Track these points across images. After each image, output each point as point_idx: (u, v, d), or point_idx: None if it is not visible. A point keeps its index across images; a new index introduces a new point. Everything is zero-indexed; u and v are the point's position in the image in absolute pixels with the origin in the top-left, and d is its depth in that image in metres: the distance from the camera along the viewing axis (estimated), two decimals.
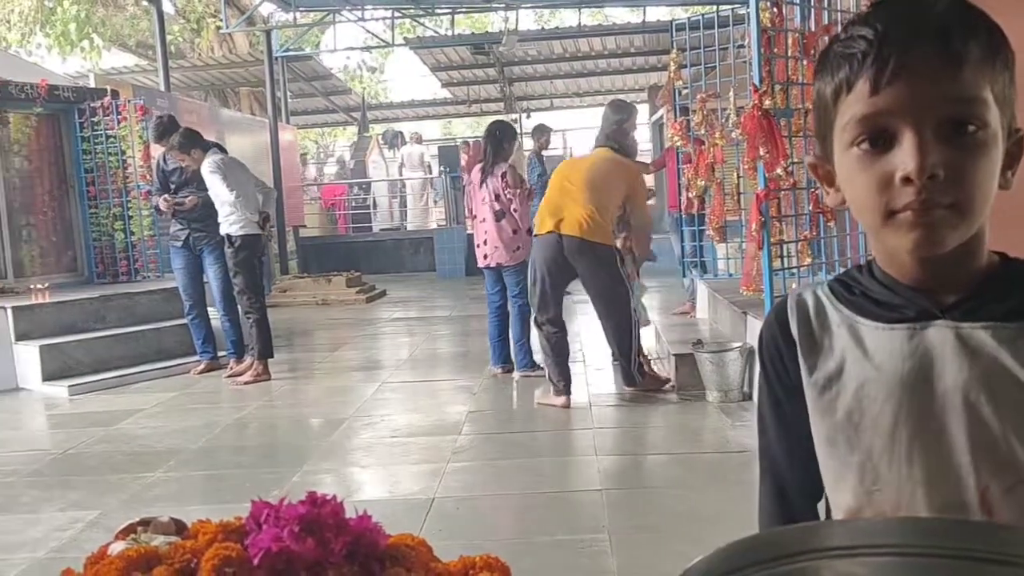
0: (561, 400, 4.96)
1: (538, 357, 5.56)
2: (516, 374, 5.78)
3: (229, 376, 6.25)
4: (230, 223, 6.01)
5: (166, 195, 6.38)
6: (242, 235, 6.00)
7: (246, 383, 6.04)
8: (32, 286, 7.32)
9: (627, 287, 4.88)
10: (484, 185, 5.68)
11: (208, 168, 5.95)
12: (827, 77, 0.87)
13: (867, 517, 0.89)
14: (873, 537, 0.60)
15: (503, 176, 5.62)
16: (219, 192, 5.95)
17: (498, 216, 5.63)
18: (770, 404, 1.00)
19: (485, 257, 5.72)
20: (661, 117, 10.64)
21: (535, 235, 5.09)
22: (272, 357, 6.22)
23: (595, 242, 4.77)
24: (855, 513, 0.91)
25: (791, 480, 1.00)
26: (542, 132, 10.15)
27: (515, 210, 5.62)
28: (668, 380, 5.29)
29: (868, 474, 0.90)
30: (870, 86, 0.83)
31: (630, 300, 4.90)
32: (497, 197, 5.64)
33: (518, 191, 5.64)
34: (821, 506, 1.00)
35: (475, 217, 5.77)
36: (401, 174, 17.10)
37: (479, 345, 7.66)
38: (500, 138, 5.69)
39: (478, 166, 5.82)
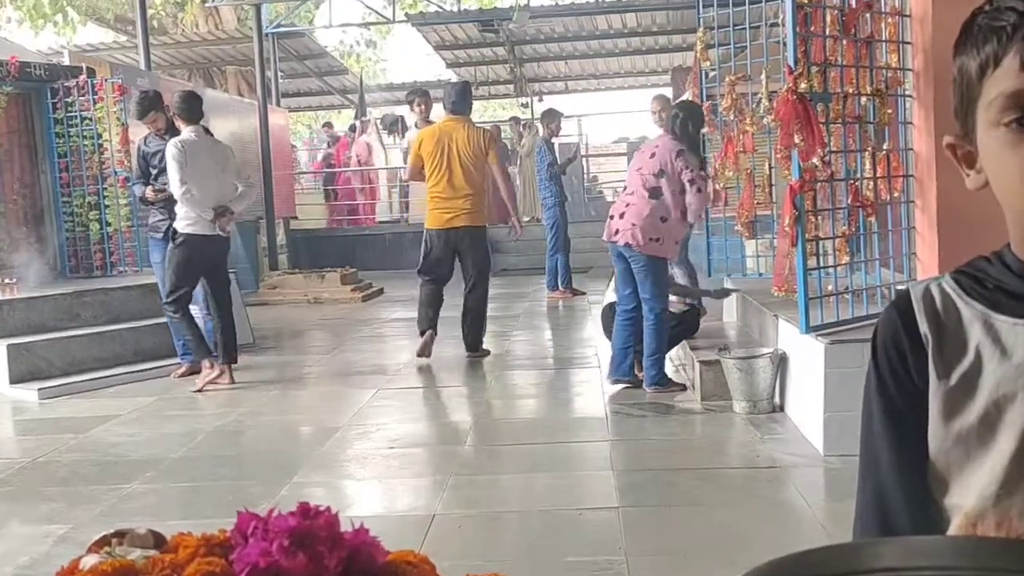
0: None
1: (670, 370, 5.65)
2: (647, 391, 5.39)
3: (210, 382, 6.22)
4: (179, 217, 6.01)
5: (152, 183, 6.41)
6: (186, 233, 5.98)
7: (204, 386, 6.06)
8: None
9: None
10: (648, 154, 5.40)
11: (168, 152, 5.94)
12: (971, 51, 0.88)
13: (952, 535, 0.90)
14: (929, 558, 0.59)
15: (679, 154, 5.31)
16: (171, 182, 5.94)
17: (653, 193, 5.30)
18: (883, 411, 0.99)
19: (616, 232, 5.36)
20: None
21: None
22: (207, 354, 6.09)
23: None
24: (977, 517, 0.91)
25: (896, 490, 1.01)
26: (552, 117, 10.16)
27: (696, 192, 5.28)
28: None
29: (997, 478, 0.90)
30: (1020, 60, 0.83)
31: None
32: (662, 172, 5.30)
33: (696, 175, 5.31)
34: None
35: (625, 189, 5.60)
36: (406, 162, 17.10)
37: (486, 347, 7.70)
38: (687, 119, 5.46)
39: (661, 135, 5.58)
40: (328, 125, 19.93)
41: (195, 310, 6.35)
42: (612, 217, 5.49)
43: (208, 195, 5.96)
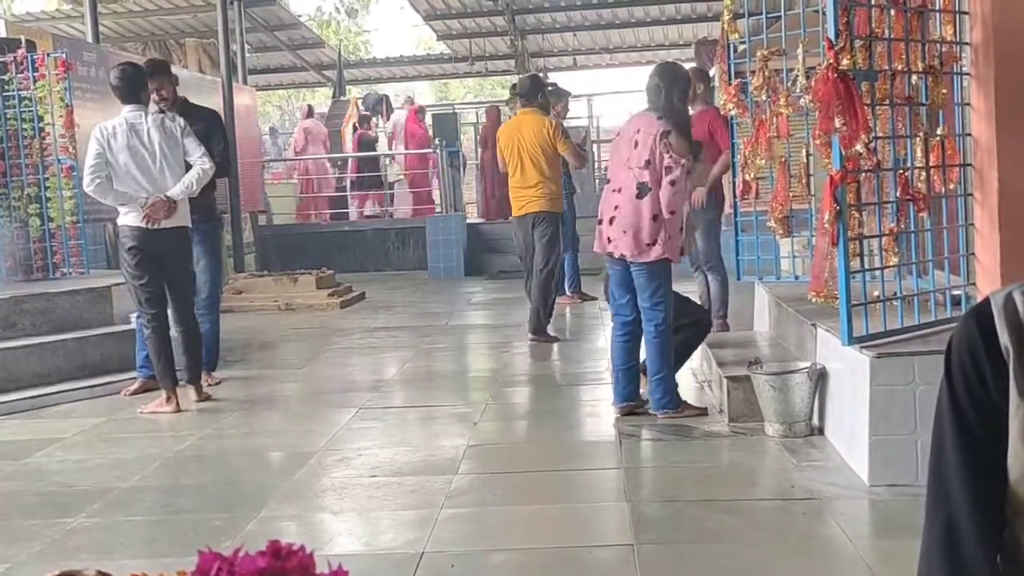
0: None
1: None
2: (657, 416, 5.34)
3: (200, 396, 6.27)
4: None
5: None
6: (123, 224, 6.07)
7: (152, 412, 6.06)
8: None
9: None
10: (634, 142, 5.24)
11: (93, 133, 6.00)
12: None
13: None
14: None
15: (665, 136, 5.16)
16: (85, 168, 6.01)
17: (640, 191, 5.19)
18: (957, 435, 1.00)
19: (609, 242, 5.31)
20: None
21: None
22: (171, 385, 6.08)
23: None
24: None
25: (968, 521, 1.01)
26: (559, 97, 10.08)
27: (670, 184, 5.13)
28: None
29: None
30: None
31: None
32: (649, 163, 5.17)
33: (676, 163, 5.15)
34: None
35: (609, 183, 5.44)
36: (391, 147, 17.15)
37: (482, 361, 7.77)
38: (670, 89, 5.32)
39: (640, 113, 5.44)
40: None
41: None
42: (601, 222, 5.41)
43: (140, 184, 5.97)
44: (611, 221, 5.30)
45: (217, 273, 7.14)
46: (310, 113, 17.37)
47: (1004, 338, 0.94)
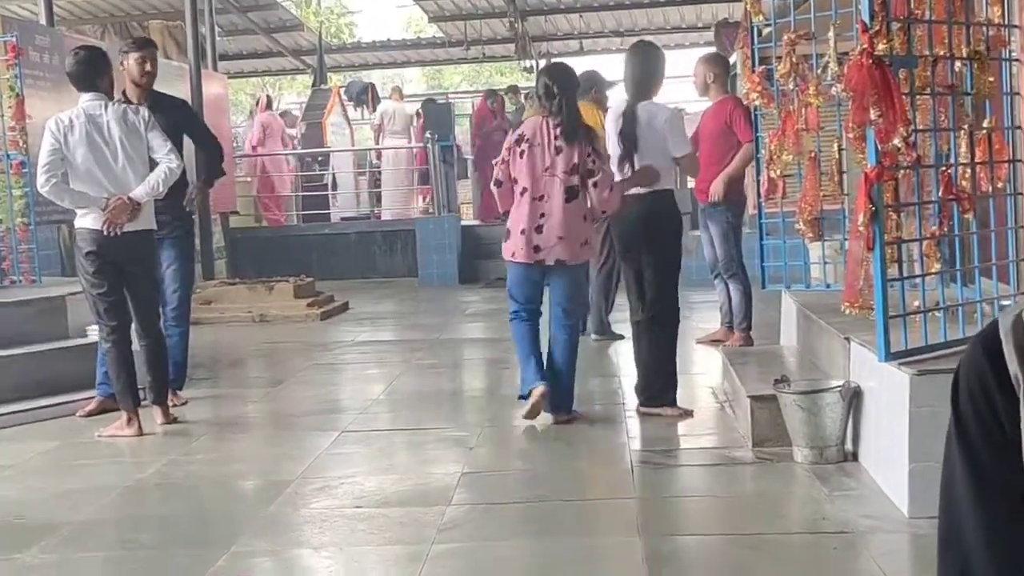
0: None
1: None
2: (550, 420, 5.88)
3: (167, 418, 6.27)
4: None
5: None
6: (81, 227, 6.04)
7: (111, 436, 6.04)
8: None
9: None
10: (552, 149, 5.76)
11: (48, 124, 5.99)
12: None
13: None
14: None
15: (587, 142, 5.78)
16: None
17: (570, 195, 5.74)
18: (968, 471, 1.01)
19: (537, 250, 5.76)
20: (733, 65, 10.64)
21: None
22: (132, 406, 6.06)
23: None
24: None
25: (985, 568, 1.01)
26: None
27: (602, 186, 5.74)
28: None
29: None
30: None
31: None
32: (575, 169, 5.72)
33: (600, 171, 5.77)
34: None
35: (517, 191, 5.84)
36: (379, 142, 17.15)
37: (478, 379, 7.84)
38: (568, 88, 5.88)
39: (537, 120, 5.90)
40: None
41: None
42: (523, 232, 5.75)
43: (100, 183, 5.94)
44: (538, 229, 5.74)
45: (189, 281, 7.16)
46: (268, 105, 17.36)
47: (1013, 366, 0.95)
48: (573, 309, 6.03)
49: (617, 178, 5.83)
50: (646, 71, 6.05)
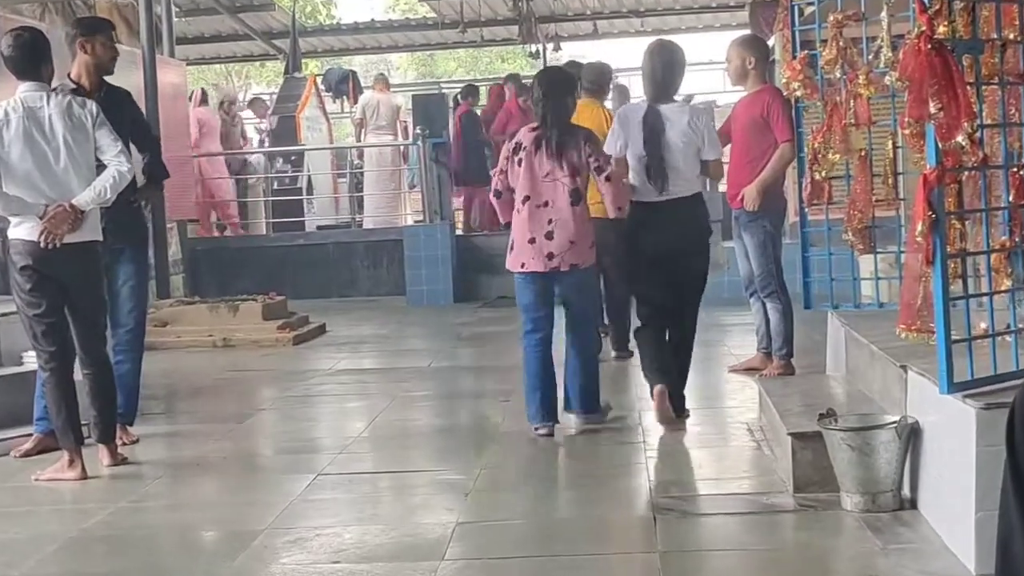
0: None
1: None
2: (576, 423, 6.44)
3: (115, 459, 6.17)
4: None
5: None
6: (15, 239, 5.89)
7: (51, 479, 5.96)
8: None
9: None
10: (549, 154, 6.24)
11: None
12: None
13: None
14: None
15: (585, 143, 6.29)
16: None
17: (575, 198, 6.22)
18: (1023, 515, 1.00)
19: (551, 257, 6.23)
20: (772, 50, 10.63)
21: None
22: (75, 445, 5.99)
23: None
24: None
25: None
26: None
27: (611, 180, 6.29)
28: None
29: None
30: None
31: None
32: (576, 173, 6.22)
33: (608, 167, 6.30)
34: None
35: (518, 200, 6.30)
36: (362, 138, 17.11)
37: (476, 413, 7.88)
38: (564, 93, 6.43)
39: (529, 129, 6.39)
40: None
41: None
42: (533, 241, 6.21)
43: (39, 187, 5.80)
44: (549, 236, 6.20)
45: (145, 301, 7.09)
46: (204, 99, 17.24)
47: None
48: (588, 309, 6.63)
49: (632, 180, 6.38)
50: (669, 72, 6.45)
